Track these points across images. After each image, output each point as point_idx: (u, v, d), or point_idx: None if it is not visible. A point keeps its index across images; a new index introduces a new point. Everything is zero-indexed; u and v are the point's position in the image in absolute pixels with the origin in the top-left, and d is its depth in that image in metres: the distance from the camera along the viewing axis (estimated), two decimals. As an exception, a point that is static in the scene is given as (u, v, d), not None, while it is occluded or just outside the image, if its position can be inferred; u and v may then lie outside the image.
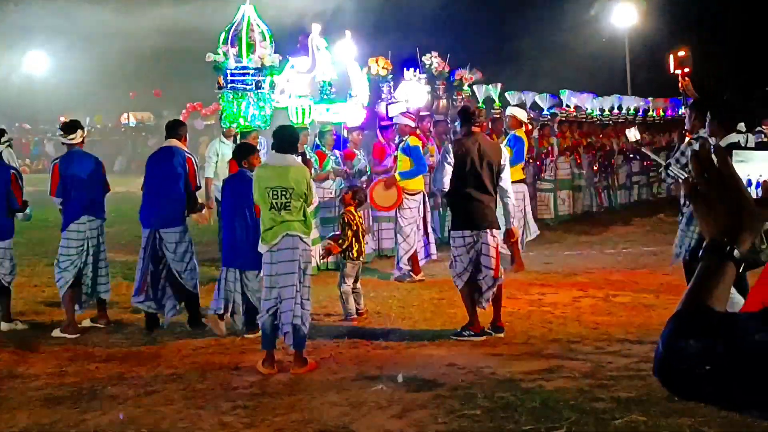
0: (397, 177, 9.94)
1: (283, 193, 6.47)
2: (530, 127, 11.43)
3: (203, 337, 7.47)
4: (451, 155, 7.21)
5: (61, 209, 8.00)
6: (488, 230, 7.25)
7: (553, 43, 31.19)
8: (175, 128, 8.24)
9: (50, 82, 40.41)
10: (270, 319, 6.49)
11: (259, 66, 9.33)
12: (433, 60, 13.75)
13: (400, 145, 10.25)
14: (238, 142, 9.53)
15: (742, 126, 6.21)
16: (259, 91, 9.43)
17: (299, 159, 7.39)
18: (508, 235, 7.64)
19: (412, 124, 10.40)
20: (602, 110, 18.34)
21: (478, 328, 7.26)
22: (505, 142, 10.72)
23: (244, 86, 9.35)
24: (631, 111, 19.71)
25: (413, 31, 23.51)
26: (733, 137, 6.08)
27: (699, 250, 1.42)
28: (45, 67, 41.73)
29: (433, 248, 10.50)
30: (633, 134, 6.42)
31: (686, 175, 6.41)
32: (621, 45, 32.70)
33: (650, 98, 20.73)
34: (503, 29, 34.85)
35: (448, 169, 7.20)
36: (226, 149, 10.61)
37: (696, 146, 6.13)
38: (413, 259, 10.02)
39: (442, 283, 9.64)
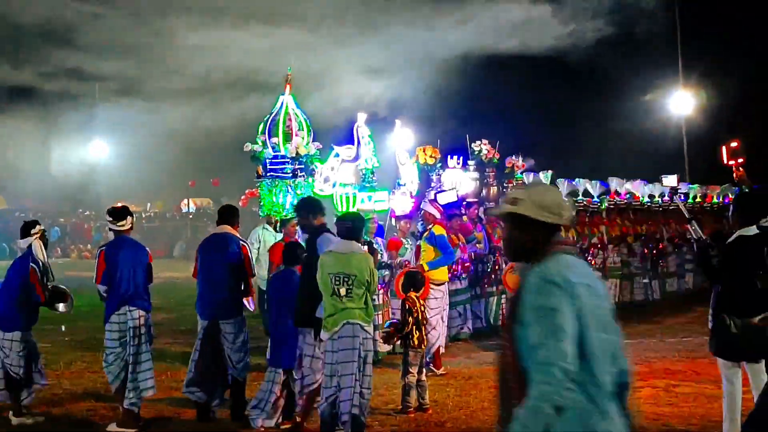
0: (425, 266, 9.60)
1: (346, 279, 6.52)
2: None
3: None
4: None
5: (104, 297, 7.76)
6: None
7: (606, 130, 31.26)
8: (228, 214, 8.14)
9: (113, 170, 41.74)
10: (329, 408, 6.50)
11: (294, 155, 9.48)
12: (482, 147, 13.83)
13: (424, 234, 10.07)
14: (280, 230, 9.62)
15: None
16: (296, 179, 9.55)
17: (365, 247, 7.38)
18: None
19: (437, 214, 10.23)
20: (652, 197, 18.11)
21: None
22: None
23: (282, 175, 9.48)
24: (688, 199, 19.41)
25: (463, 119, 23.82)
26: (748, 230, 5.99)
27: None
28: (107, 155, 43.15)
29: (442, 340, 10.19)
30: (694, 230, 6.32)
31: (703, 236, 6.33)
32: (675, 132, 32.56)
33: (695, 185, 20.44)
34: (555, 117, 35.13)
35: None
36: (268, 236, 10.63)
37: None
38: (435, 354, 9.76)
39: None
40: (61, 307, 8.17)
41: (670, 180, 18.29)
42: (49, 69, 36.27)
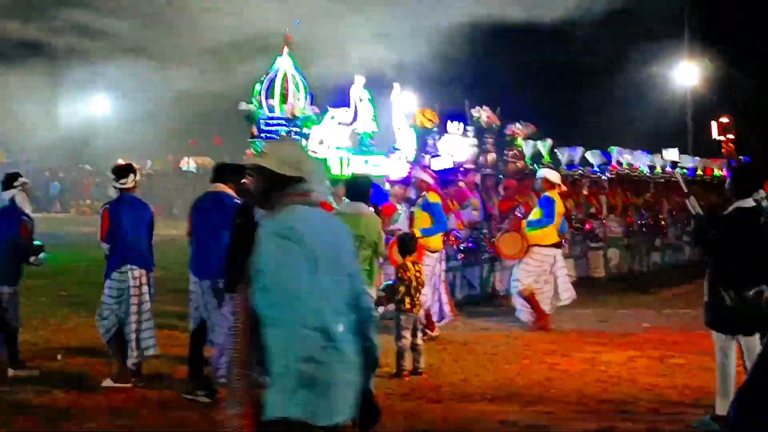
0: (418, 233, 9.44)
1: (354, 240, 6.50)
2: (563, 188, 11.20)
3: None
4: None
5: (107, 255, 7.71)
6: None
7: (607, 99, 31.11)
8: (223, 171, 7.87)
9: (113, 126, 41.60)
10: None
11: (290, 116, 9.40)
12: (482, 113, 13.72)
13: (418, 201, 10.00)
14: None
15: (761, 192, 6.10)
16: None
17: (372, 209, 7.30)
18: None
19: (430, 181, 10.17)
20: (652, 168, 18.06)
21: None
22: (537, 204, 10.63)
23: (277, 136, 9.39)
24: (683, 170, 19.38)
25: (463, 84, 23.68)
26: (745, 202, 5.99)
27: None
28: (108, 111, 42.96)
29: (447, 309, 10.20)
30: (693, 205, 6.29)
31: (700, 211, 6.33)
32: (678, 104, 32.40)
33: (697, 157, 20.39)
34: (558, 87, 34.93)
35: None
36: None
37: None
38: (427, 316, 9.65)
39: (497, 338, 9.66)
40: (32, 259, 8.10)
41: (671, 153, 18.27)
42: (57, 24, 36.09)
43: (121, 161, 8.15)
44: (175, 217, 34.54)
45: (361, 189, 6.91)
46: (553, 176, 10.72)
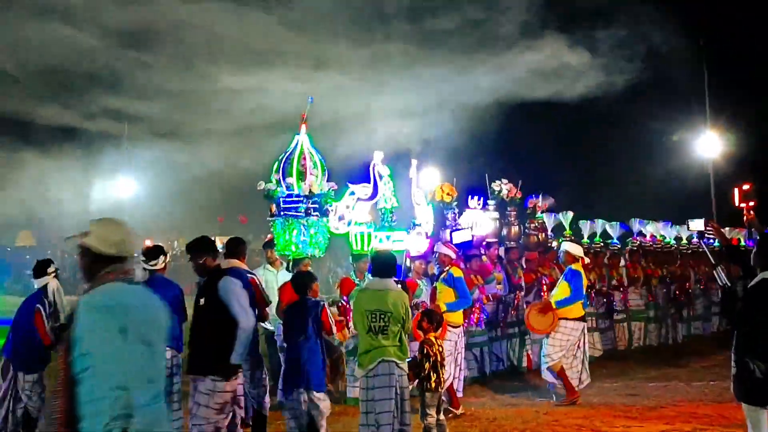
0: (443, 307, 9.57)
1: (382, 316, 6.62)
2: (587, 261, 11.17)
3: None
4: None
5: None
6: None
7: (630, 171, 31.18)
8: (235, 246, 8.06)
9: (143, 209, 42.18)
10: None
11: (308, 193, 9.51)
12: (503, 187, 13.83)
13: (441, 276, 10.08)
14: (292, 269, 9.46)
15: None
16: (310, 218, 9.57)
17: (399, 286, 7.34)
18: None
19: (453, 255, 10.27)
20: (679, 239, 17.95)
21: None
22: (561, 277, 10.62)
23: (296, 214, 9.50)
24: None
25: (483, 159, 23.95)
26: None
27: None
28: (138, 194, 43.64)
29: (460, 385, 10.05)
30: (720, 276, 6.26)
31: (727, 282, 6.28)
32: (700, 174, 32.36)
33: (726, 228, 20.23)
34: (578, 158, 35.11)
35: None
36: (270, 276, 10.53)
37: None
38: (451, 393, 9.63)
39: (525, 414, 9.62)
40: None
41: (697, 224, 18.13)
42: (90, 110, 37.21)
43: (148, 242, 8.25)
44: (201, 297, 34.76)
45: (386, 264, 6.98)
46: (576, 249, 10.72)
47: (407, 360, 8.29)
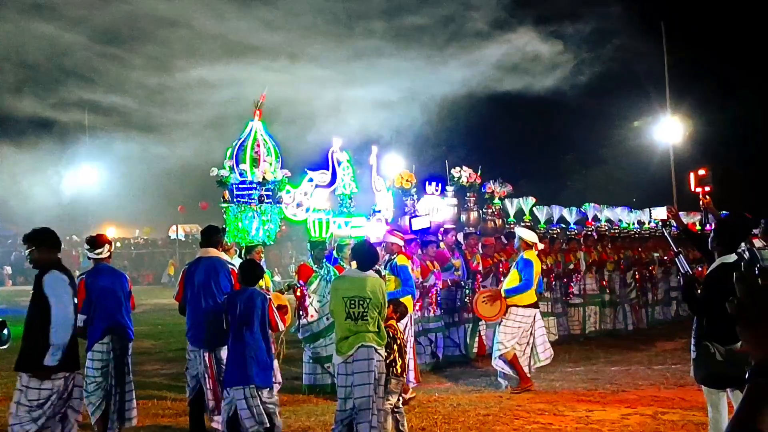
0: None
1: (360, 302, 6.63)
2: (540, 247, 11.08)
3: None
4: None
5: (81, 327, 7.38)
6: None
7: (591, 159, 31.51)
8: (212, 235, 7.99)
9: (103, 198, 41.75)
10: (344, 431, 6.56)
11: (261, 180, 9.39)
12: (462, 173, 13.81)
13: (387, 264, 9.97)
14: (244, 257, 9.26)
15: (743, 245, 6.08)
16: (263, 205, 9.45)
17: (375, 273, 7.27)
18: None
19: (401, 243, 10.17)
20: (641, 223, 18.10)
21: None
22: (513, 265, 10.60)
23: (248, 201, 9.38)
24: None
25: (444, 147, 24.15)
26: (728, 257, 5.97)
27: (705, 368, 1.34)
28: (99, 183, 43.15)
29: (412, 375, 9.91)
30: (681, 263, 6.27)
31: (689, 270, 6.27)
32: (660, 160, 32.73)
33: (683, 212, 20.45)
34: (540, 145, 35.42)
35: None
36: None
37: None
38: None
39: (488, 399, 9.61)
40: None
41: (660, 212, 18.35)
42: (54, 100, 36.79)
43: (95, 233, 8.08)
44: (164, 285, 34.54)
45: (366, 258, 6.95)
46: (529, 236, 10.60)
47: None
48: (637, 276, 16.50)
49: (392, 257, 10.02)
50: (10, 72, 34.81)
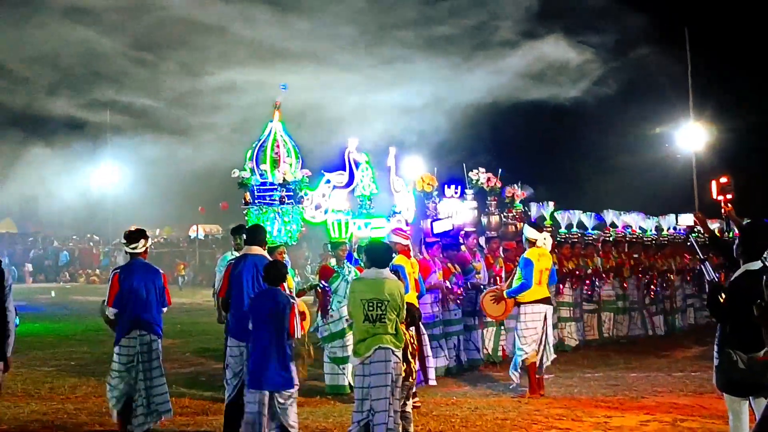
0: None
1: (379, 305, 6.64)
2: (541, 245, 10.80)
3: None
4: None
5: (113, 320, 7.67)
6: None
7: (612, 165, 31.39)
8: (258, 233, 7.98)
9: (124, 197, 42.03)
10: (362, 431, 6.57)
11: (282, 182, 9.41)
12: (480, 176, 13.79)
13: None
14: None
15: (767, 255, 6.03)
16: (284, 206, 9.46)
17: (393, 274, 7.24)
18: None
19: (404, 242, 10.08)
20: (659, 230, 17.97)
21: None
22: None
23: (269, 202, 9.39)
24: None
25: (465, 151, 24.23)
26: (753, 265, 5.92)
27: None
28: (121, 183, 43.43)
29: (431, 373, 9.93)
30: (707, 271, 6.22)
31: (715, 277, 6.21)
32: (682, 166, 32.53)
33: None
34: (562, 151, 35.33)
35: None
36: None
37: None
38: None
39: (507, 403, 9.60)
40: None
41: (686, 218, 18.24)
42: (82, 102, 37.25)
43: (132, 227, 8.14)
44: (182, 285, 34.66)
45: (381, 254, 6.95)
46: (531, 233, 10.54)
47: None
48: (654, 283, 16.35)
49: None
50: (40, 73, 35.27)
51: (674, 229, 18.36)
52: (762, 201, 25.15)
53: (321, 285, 10.06)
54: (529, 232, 10.61)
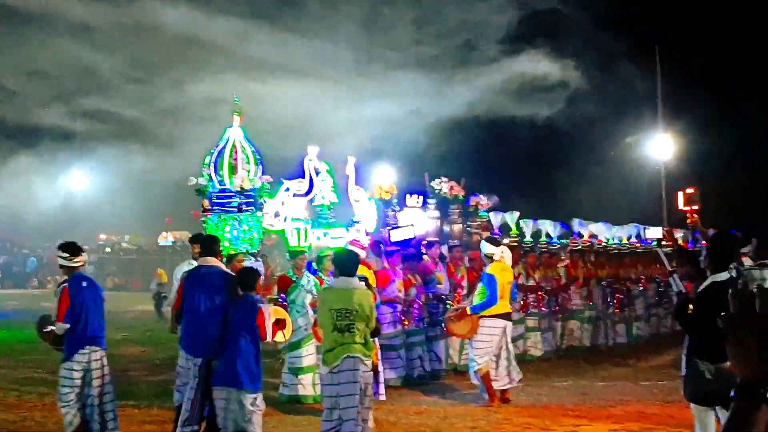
0: None
1: (347, 315, 6.65)
2: (497, 259, 10.70)
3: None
4: None
5: (59, 337, 7.39)
6: None
7: (580, 175, 31.68)
8: (213, 244, 7.92)
9: (93, 204, 41.67)
10: None
11: (239, 189, 9.33)
12: (442, 185, 13.76)
13: None
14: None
15: (733, 266, 6.10)
16: (242, 213, 9.38)
17: (362, 283, 7.19)
18: None
19: (362, 254, 10.03)
20: (620, 239, 18.08)
21: None
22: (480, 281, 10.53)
23: (228, 209, 9.31)
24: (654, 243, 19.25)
25: (428, 161, 24.44)
26: (720, 276, 5.98)
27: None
28: (91, 190, 42.97)
29: (381, 388, 9.65)
30: (675, 283, 6.27)
31: (683, 289, 6.26)
32: (650, 177, 32.86)
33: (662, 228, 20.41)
34: (528, 160, 35.60)
35: None
36: None
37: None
38: None
39: (476, 412, 9.64)
40: None
41: (654, 231, 18.37)
42: (46, 108, 36.92)
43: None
44: (151, 293, 34.29)
45: (348, 263, 6.95)
46: (488, 248, 10.46)
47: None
48: (620, 291, 16.40)
49: None
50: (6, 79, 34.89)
51: (640, 239, 18.46)
52: (728, 212, 25.49)
53: (279, 298, 9.97)
54: (486, 247, 10.51)
